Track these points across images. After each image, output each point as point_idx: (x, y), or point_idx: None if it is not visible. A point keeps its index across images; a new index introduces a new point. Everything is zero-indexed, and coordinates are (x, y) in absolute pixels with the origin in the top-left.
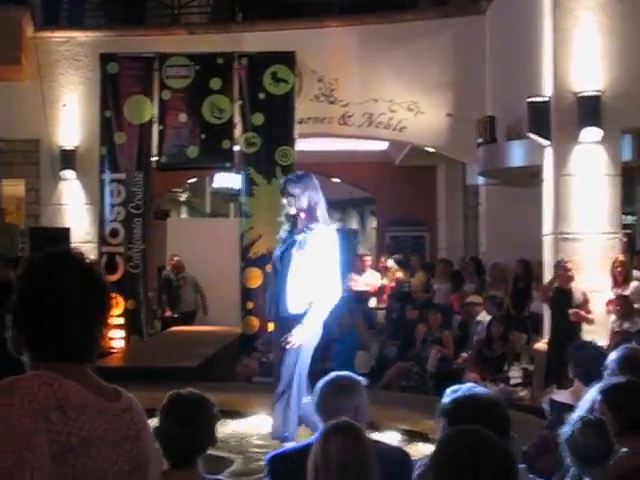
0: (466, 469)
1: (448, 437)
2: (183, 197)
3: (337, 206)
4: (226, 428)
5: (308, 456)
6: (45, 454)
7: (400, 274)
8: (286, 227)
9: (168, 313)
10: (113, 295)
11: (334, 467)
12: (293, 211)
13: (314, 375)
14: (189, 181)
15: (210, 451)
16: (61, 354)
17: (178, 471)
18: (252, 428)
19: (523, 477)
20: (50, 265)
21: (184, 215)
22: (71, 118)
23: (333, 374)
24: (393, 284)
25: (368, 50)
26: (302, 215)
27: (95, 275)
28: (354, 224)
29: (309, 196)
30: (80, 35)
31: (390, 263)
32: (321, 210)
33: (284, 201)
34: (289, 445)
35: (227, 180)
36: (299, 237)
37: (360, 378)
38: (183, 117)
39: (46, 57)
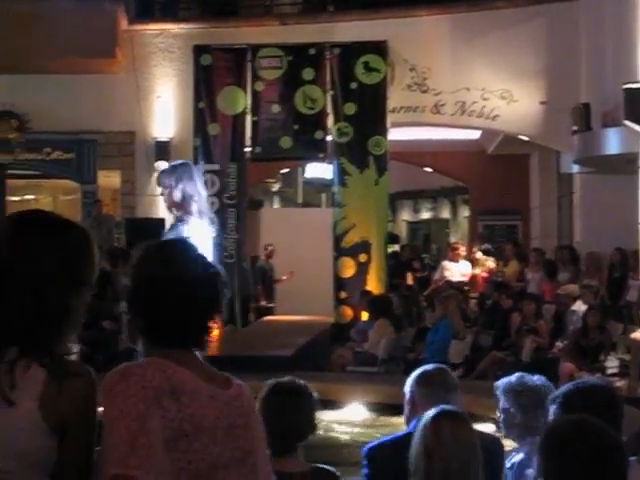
0: (579, 457)
1: (562, 424)
2: (275, 187)
3: (428, 195)
4: (321, 417)
5: (405, 446)
6: (159, 439)
7: (491, 263)
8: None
9: (262, 302)
10: None
11: (448, 451)
12: (166, 204)
13: (408, 364)
14: (281, 171)
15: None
16: (174, 341)
17: (280, 458)
18: (347, 417)
19: (634, 469)
20: (166, 253)
21: (276, 205)
22: (165, 110)
23: (425, 367)
24: (485, 274)
25: (460, 38)
26: (174, 210)
27: (208, 264)
28: (445, 213)
29: (183, 188)
30: (174, 27)
31: (479, 255)
32: (196, 202)
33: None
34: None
35: (319, 170)
36: (171, 233)
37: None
38: (276, 108)
39: (140, 49)
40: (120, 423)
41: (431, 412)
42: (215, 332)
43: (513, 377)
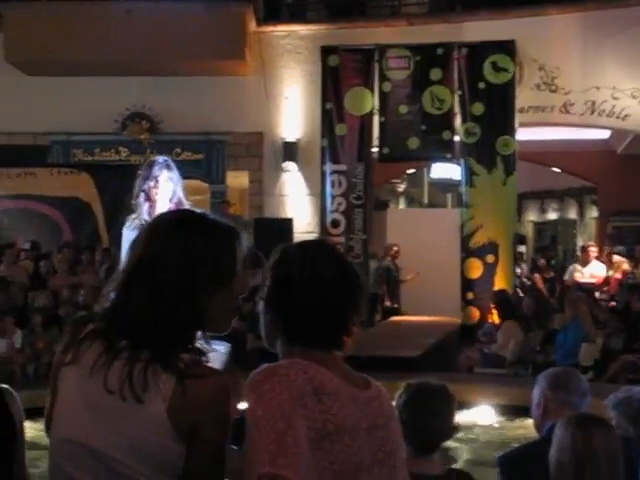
0: None
1: None
2: (401, 188)
3: (555, 195)
4: None
5: (540, 453)
6: (304, 439)
7: (626, 265)
8: (144, 217)
9: (388, 303)
10: None
11: (601, 462)
12: (159, 197)
13: (536, 366)
14: (408, 172)
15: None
16: (315, 341)
17: (420, 459)
18: (475, 419)
19: None
20: (305, 253)
21: (402, 206)
22: (293, 111)
23: (555, 369)
24: (619, 275)
25: (590, 37)
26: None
27: (347, 264)
28: (572, 214)
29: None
30: (301, 28)
31: (616, 257)
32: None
33: (161, 185)
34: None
35: (445, 170)
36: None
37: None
38: (404, 108)
39: (268, 51)
40: (266, 423)
41: (575, 419)
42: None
43: (620, 391)
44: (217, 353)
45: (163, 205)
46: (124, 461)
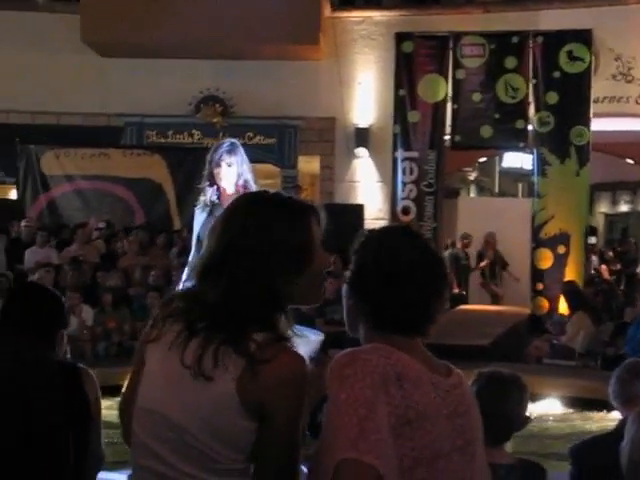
0: None
1: None
2: (472, 176)
3: (627, 187)
4: None
5: (613, 444)
6: (386, 425)
7: None
8: (212, 199)
9: (456, 290)
10: None
11: None
12: (224, 181)
13: (606, 359)
14: (479, 160)
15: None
16: (398, 327)
17: (492, 449)
18: (544, 410)
19: None
20: (390, 239)
21: (472, 194)
22: (366, 97)
23: (629, 360)
24: None
25: None
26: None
27: (432, 250)
28: None
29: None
30: (376, 14)
31: None
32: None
33: (223, 170)
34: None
35: (517, 160)
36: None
37: None
38: (477, 96)
39: (343, 36)
40: (348, 408)
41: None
42: None
43: None
44: (306, 340)
45: (229, 188)
46: (196, 434)
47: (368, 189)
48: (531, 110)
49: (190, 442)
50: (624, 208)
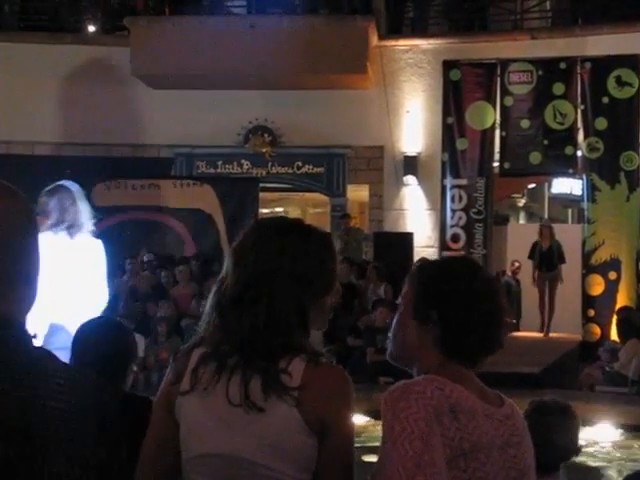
0: None
1: None
2: (521, 203)
3: None
4: None
5: None
6: (442, 457)
7: None
8: None
9: (507, 318)
10: None
11: None
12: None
13: None
14: (528, 187)
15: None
16: (458, 355)
17: (544, 477)
18: (596, 437)
19: None
20: (454, 269)
21: (522, 221)
22: (414, 125)
23: None
24: None
25: None
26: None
27: (493, 281)
28: None
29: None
30: (423, 43)
31: None
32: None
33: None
34: None
35: (566, 185)
36: None
37: None
38: (525, 123)
39: (390, 65)
40: (403, 441)
41: None
42: None
43: None
44: None
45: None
46: (261, 462)
47: (417, 217)
48: (580, 136)
49: (257, 471)
50: None
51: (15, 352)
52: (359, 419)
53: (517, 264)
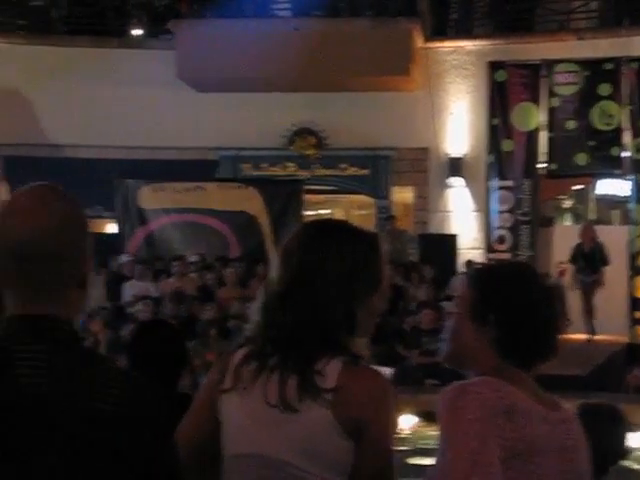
0: None
1: None
2: (567, 204)
3: None
4: None
5: None
6: (497, 458)
7: None
8: None
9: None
10: None
11: None
12: None
13: None
14: (574, 188)
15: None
16: (517, 358)
17: None
18: None
19: None
20: (512, 274)
21: (567, 222)
22: (459, 126)
23: None
24: None
25: None
26: None
27: (550, 286)
28: None
29: None
30: (468, 44)
31: None
32: None
33: None
34: None
35: (612, 186)
36: None
37: None
38: (572, 124)
39: (435, 67)
40: (459, 441)
41: None
42: None
43: None
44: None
45: None
46: (296, 463)
47: (462, 219)
48: (627, 137)
49: (295, 474)
50: None
51: (75, 356)
52: (407, 420)
53: (563, 266)
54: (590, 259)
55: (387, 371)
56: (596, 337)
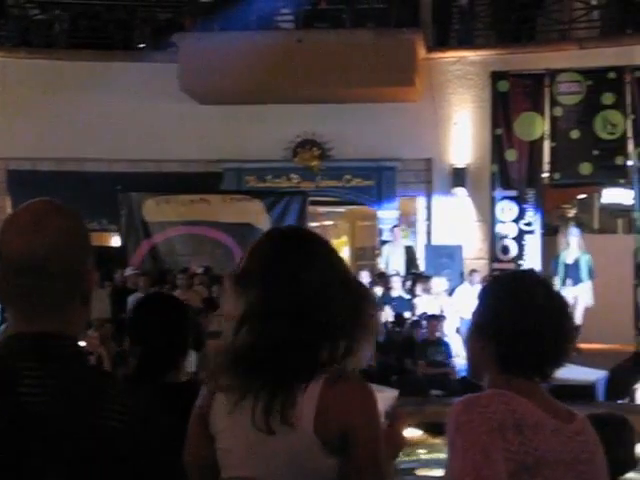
0: None
1: None
2: (571, 213)
3: None
4: None
5: None
6: (502, 472)
7: None
8: None
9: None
10: None
11: None
12: None
13: None
14: (578, 197)
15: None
16: (527, 370)
17: None
18: None
19: None
20: (521, 284)
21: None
22: (462, 136)
23: None
24: None
25: None
26: None
27: (560, 296)
28: None
29: None
30: (470, 54)
31: None
32: None
33: None
34: None
35: (616, 195)
36: None
37: None
38: (575, 133)
39: (438, 77)
40: (465, 454)
41: None
42: None
43: None
44: (381, 395)
45: None
46: None
47: (466, 229)
48: (630, 146)
49: None
50: None
51: (78, 373)
52: (411, 432)
53: None
54: (573, 270)
55: (393, 393)
56: (602, 346)
